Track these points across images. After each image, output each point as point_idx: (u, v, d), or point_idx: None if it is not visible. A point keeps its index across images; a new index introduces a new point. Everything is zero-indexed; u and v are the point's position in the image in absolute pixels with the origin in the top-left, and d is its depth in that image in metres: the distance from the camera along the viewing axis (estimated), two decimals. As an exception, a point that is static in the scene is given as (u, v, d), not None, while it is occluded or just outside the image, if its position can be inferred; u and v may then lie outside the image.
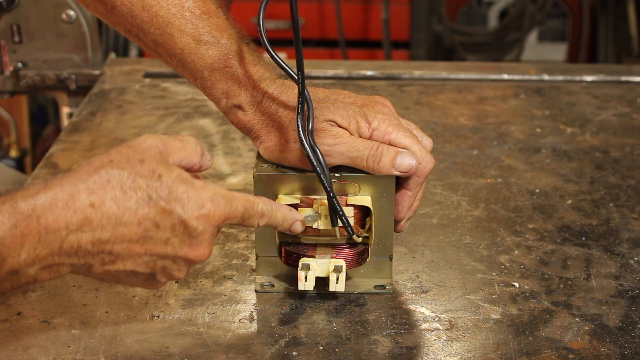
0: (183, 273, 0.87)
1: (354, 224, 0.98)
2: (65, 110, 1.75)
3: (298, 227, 0.95)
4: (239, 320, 0.97)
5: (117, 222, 0.80)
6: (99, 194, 0.79)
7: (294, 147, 0.97)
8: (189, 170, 0.88)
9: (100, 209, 0.79)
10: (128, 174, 0.80)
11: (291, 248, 0.99)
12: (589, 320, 0.98)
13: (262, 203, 0.90)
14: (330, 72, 1.77)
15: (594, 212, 1.22)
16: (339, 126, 0.97)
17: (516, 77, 1.76)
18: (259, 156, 1.02)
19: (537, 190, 1.28)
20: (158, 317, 0.97)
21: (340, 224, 0.96)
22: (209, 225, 0.84)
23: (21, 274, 0.78)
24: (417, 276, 1.06)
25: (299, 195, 0.98)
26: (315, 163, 0.94)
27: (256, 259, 1.03)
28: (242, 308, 1.00)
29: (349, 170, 0.98)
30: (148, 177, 0.81)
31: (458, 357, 0.92)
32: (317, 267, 0.98)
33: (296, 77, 0.96)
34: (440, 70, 1.79)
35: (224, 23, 1.02)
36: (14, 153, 2.23)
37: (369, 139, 0.98)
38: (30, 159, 2.47)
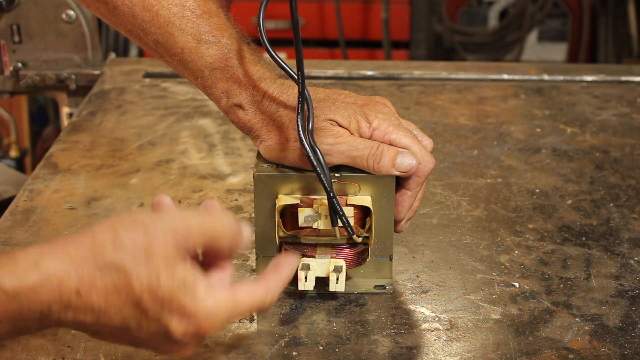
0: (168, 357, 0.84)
1: (354, 224, 0.98)
2: (65, 110, 1.75)
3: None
4: (239, 320, 0.97)
5: (100, 314, 0.75)
6: (87, 285, 0.74)
7: (294, 146, 0.97)
8: (215, 252, 0.81)
9: (85, 298, 0.74)
10: (125, 272, 0.74)
11: (291, 248, 0.99)
12: (589, 320, 0.98)
13: (271, 293, 0.81)
14: (330, 72, 1.77)
15: (594, 212, 1.22)
16: (340, 125, 0.97)
17: (516, 77, 1.76)
18: (259, 156, 1.02)
19: (537, 190, 1.28)
20: (158, 317, 0.97)
21: (340, 224, 0.96)
22: (195, 340, 0.78)
23: None
24: (417, 276, 1.06)
25: (299, 195, 0.98)
26: (315, 163, 0.94)
27: (256, 259, 1.03)
28: (242, 308, 1.00)
29: (349, 170, 0.98)
30: (145, 282, 0.74)
31: (458, 357, 0.92)
32: (317, 267, 0.98)
33: (296, 77, 0.96)
34: (440, 70, 1.79)
35: (225, 23, 1.02)
36: (14, 153, 2.23)
37: (369, 138, 0.98)
38: (30, 159, 2.47)
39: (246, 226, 0.81)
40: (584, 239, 1.15)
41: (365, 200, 0.98)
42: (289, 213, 0.99)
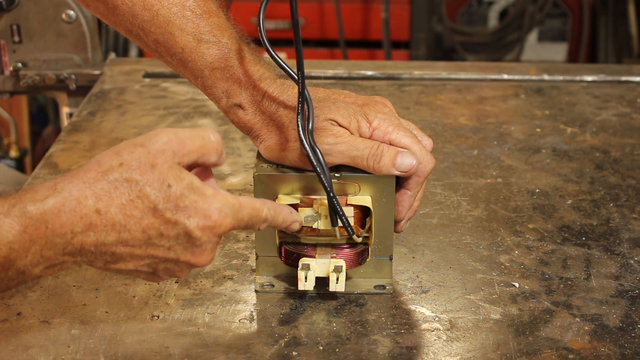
0: (185, 273, 0.87)
1: (354, 224, 0.98)
2: (65, 110, 1.75)
3: (295, 227, 0.95)
4: (239, 320, 0.97)
5: (121, 229, 0.80)
6: (105, 200, 0.79)
7: (294, 146, 0.97)
8: (203, 165, 0.86)
9: (105, 215, 0.79)
10: (136, 182, 0.80)
11: (291, 248, 0.99)
12: (589, 320, 0.98)
13: (266, 209, 0.89)
14: (330, 72, 1.77)
15: (594, 212, 1.22)
16: (340, 125, 0.97)
17: (516, 77, 1.76)
18: (259, 156, 1.02)
19: (537, 190, 1.28)
20: (158, 317, 0.97)
21: (340, 224, 0.96)
22: (212, 236, 0.83)
23: (27, 273, 0.79)
24: (417, 276, 1.06)
25: (299, 195, 0.98)
26: (315, 163, 0.94)
27: (256, 259, 1.03)
28: (242, 308, 1.00)
29: (349, 170, 0.98)
30: (157, 187, 0.80)
31: (458, 357, 0.92)
32: (317, 267, 0.98)
33: (296, 77, 0.96)
34: (440, 70, 1.79)
35: (225, 23, 1.02)
36: (13, 153, 2.23)
37: (369, 138, 0.98)
38: (30, 159, 2.47)
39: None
40: (584, 239, 1.15)
41: (365, 200, 0.98)
42: (289, 213, 0.99)
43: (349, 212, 0.97)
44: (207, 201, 0.82)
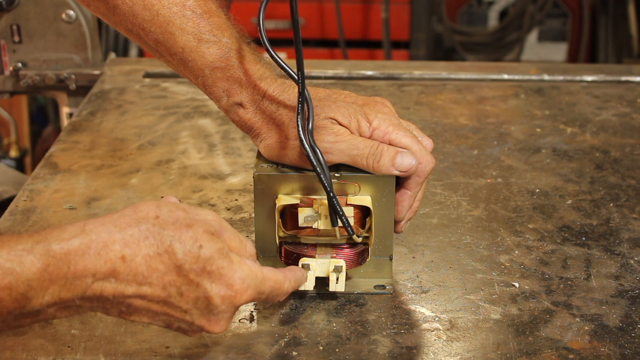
0: (196, 335, 0.87)
1: (354, 224, 0.98)
2: (65, 110, 1.75)
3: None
4: (239, 320, 0.97)
5: (142, 281, 0.79)
6: (132, 248, 0.78)
7: (294, 145, 0.97)
8: None
9: (130, 264, 0.78)
10: (168, 235, 0.79)
11: (291, 248, 0.99)
12: (589, 320, 0.98)
13: (288, 282, 0.89)
14: (330, 72, 1.77)
15: (594, 212, 1.22)
16: (340, 124, 0.97)
17: (516, 77, 1.76)
18: (259, 156, 1.02)
19: (537, 190, 1.28)
20: (158, 317, 0.97)
21: (340, 224, 0.96)
22: (231, 306, 0.83)
23: (42, 313, 0.78)
24: (417, 276, 1.06)
25: (299, 195, 0.98)
26: (315, 163, 0.94)
27: (256, 259, 1.03)
28: (242, 308, 1.00)
29: (349, 170, 0.98)
30: (188, 245, 0.79)
31: (458, 357, 0.92)
32: (317, 267, 0.98)
33: (296, 77, 0.96)
34: (440, 70, 1.79)
35: (225, 22, 1.02)
36: (13, 153, 2.23)
37: (369, 138, 0.98)
38: (30, 159, 2.47)
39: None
40: (584, 239, 1.15)
41: (365, 200, 0.98)
42: (289, 213, 0.99)
43: (349, 212, 0.97)
44: (232, 269, 0.82)
